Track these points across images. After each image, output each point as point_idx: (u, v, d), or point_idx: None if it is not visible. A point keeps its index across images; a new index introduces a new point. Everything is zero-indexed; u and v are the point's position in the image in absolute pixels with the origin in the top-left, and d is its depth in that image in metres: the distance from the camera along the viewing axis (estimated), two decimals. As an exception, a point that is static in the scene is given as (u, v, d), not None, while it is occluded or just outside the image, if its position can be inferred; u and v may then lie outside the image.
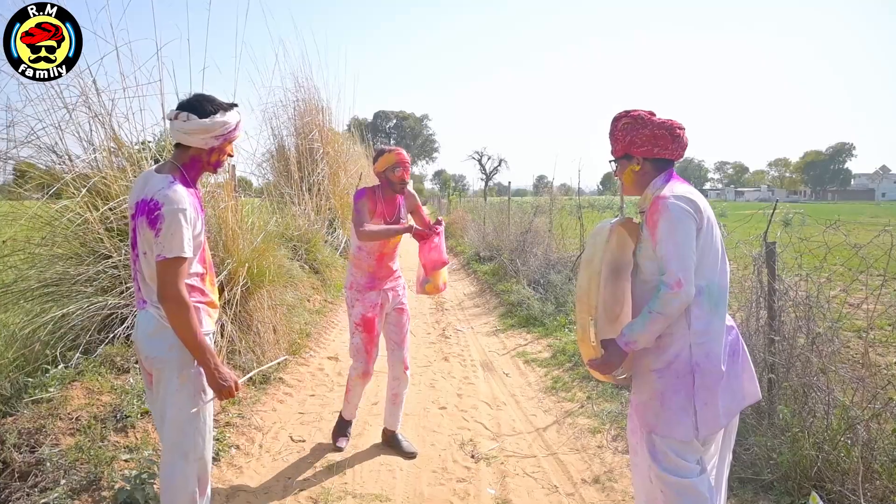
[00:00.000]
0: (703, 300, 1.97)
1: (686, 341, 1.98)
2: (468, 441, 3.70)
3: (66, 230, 4.11)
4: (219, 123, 2.05)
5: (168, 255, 1.92)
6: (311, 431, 3.84)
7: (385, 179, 3.30)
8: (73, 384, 3.40)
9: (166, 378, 2.07)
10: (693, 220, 1.93)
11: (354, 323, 3.34)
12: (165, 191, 1.95)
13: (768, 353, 3.35)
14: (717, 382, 1.98)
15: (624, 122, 2.13)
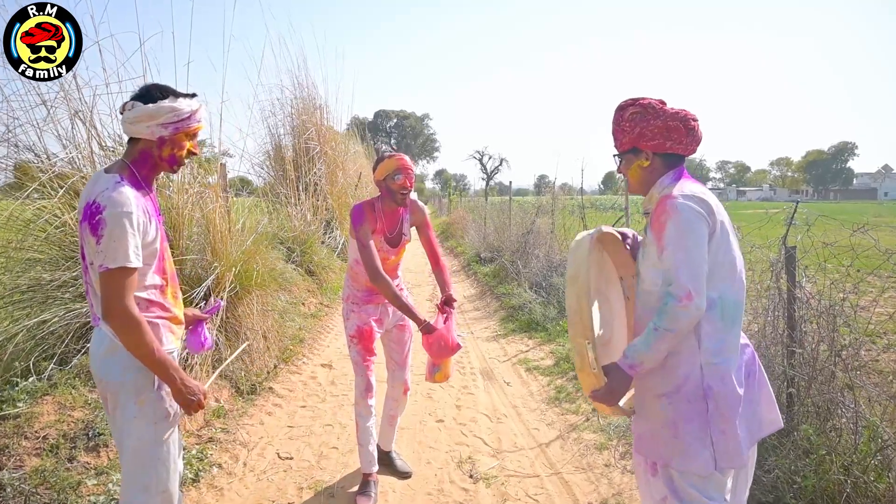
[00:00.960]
0: (716, 315, 1.73)
1: (696, 361, 1.73)
2: (466, 458, 3.47)
3: (43, 232, 3.88)
4: (165, 109, 1.81)
5: (111, 266, 1.68)
6: (299, 447, 3.61)
7: (385, 188, 2.92)
8: (44, 398, 3.18)
9: (122, 404, 1.84)
10: (705, 224, 1.69)
11: (349, 336, 3.02)
12: (109, 192, 1.71)
13: (788, 366, 3.12)
14: (735, 408, 1.71)
15: (632, 112, 1.87)
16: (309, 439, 3.74)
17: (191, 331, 2.27)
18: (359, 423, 3.00)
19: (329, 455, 3.51)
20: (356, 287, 3.06)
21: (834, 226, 3.40)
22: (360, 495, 2.96)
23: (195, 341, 2.30)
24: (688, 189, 1.75)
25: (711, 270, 1.71)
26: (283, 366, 5.06)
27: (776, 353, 3.32)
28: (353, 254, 3.01)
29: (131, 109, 1.81)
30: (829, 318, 3.02)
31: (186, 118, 1.87)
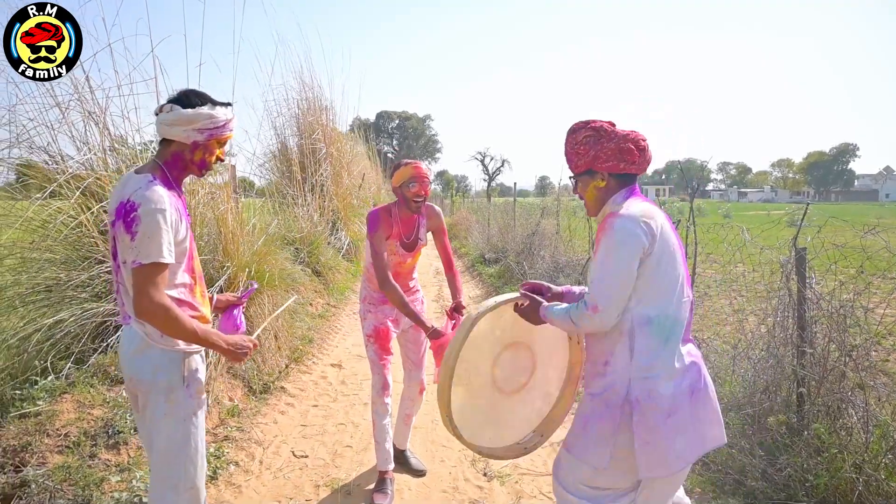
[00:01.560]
0: (653, 332, 1.80)
1: (626, 374, 1.82)
2: (480, 457, 3.51)
3: (60, 233, 3.92)
4: (203, 115, 1.87)
5: (144, 261, 1.72)
6: (313, 446, 3.65)
7: (401, 196, 2.97)
8: (62, 397, 3.22)
9: (153, 403, 1.88)
10: (639, 245, 1.75)
11: (366, 335, 3.08)
12: (143, 191, 1.76)
13: (798, 366, 3.15)
14: (661, 424, 1.78)
15: (585, 135, 1.93)
16: (323, 438, 3.78)
17: (225, 315, 2.33)
18: (375, 421, 3.03)
19: (343, 453, 3.55)
20: (372, 288, 3.10)
21: (840, 227, 3.44)
22: (378, 493, 2.99)
23: (229, 325, 2.35)
24: (633, 209, 1.82)
25: (650, 288, 1.79)
26: (294, 365, 5.09)
27: (786, 354, 3.36)
28: (368, 256, 3.06)
29: (170, 112, 1.85)
30: (840, 318, 3.06)
31: (221, 126, 1.92)
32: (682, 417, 1.81)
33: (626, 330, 1.80)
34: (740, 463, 3.02)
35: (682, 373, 1.83)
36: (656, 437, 1.79)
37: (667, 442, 1.79)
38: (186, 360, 1.91)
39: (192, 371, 1.94)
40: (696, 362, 1.90)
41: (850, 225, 3.24)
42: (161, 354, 1.85)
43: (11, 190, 4.17)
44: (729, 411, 3.43)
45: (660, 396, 1.78)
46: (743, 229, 3.99)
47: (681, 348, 1.86)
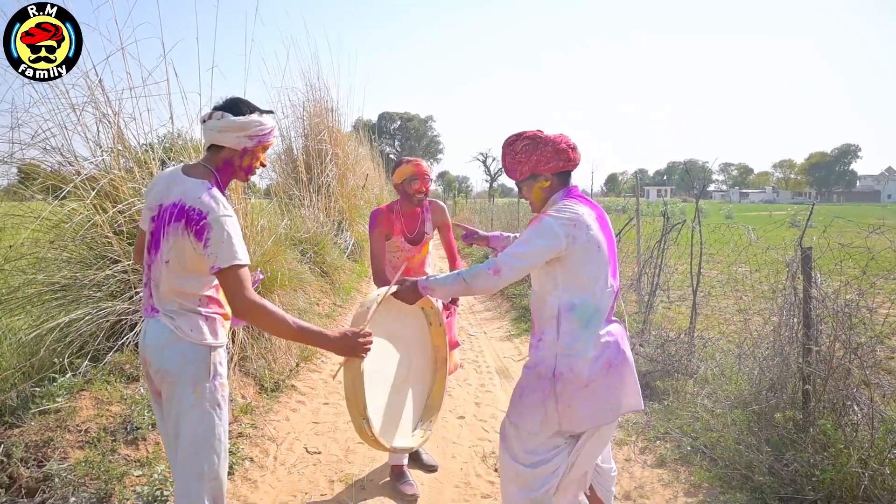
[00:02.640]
0: (574, 317, 2.08)
1: (553, 350, 2.11)
2: (490, 453, 3.56)
3: (75, 234, 3.99)
4: (254, 123, 1.97)
5: (223, 265, 1.81)
6: (326, 442, 3.71)
7: (402, 192, 3.14)
8: (81, 394, 3.28)
9: (179, 394, 1.94)
10: (556, 244, 2.01)
11: None
12: (207, 198, 1.85)
13: (804, 364, 3.20)
14: (578, 392, 2.08)
15: (523, 144, 2.19)
16: (335, 434, 3.83)
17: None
18: None
19: (356, 450, 3.61)
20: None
21: (844, 227, 3.49)
22: (405, 484, 3.07)
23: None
24: (564, 213, 2.07)
25: (574, 278, 2.08)
26: (304, 364, 5.15)
27: (791, 352, 3.42)
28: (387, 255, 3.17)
29: (221, 119, 1.95)
30: (845, 316, 3.11)
31: (268, 133, 2.04)
32: (597, 388, 2.10)
33: (554, 314, 2.09)
34: (747, 459, 3.07)
35: (601, 350, 2.11)
36: (574, 403, 2.08)
37: (581, 407, 2.09)
38: (213, 353, 1.98)
39: (218, 364, 2.00)
40: (616, 340, 2.16)
41: (856, 225, 3.28)
42: (190, 347, 1.92)
43: (21, 189, 4.23)
44: (735, 408, 3.48)
45: (579, 371, 2.08)
46: (749, 229, 4.05)
47: (601, 331, 2.13)
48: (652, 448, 3.53)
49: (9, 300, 3.85)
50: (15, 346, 3.68)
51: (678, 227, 5.20)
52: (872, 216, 14.12)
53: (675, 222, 5.25)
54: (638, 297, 5.57)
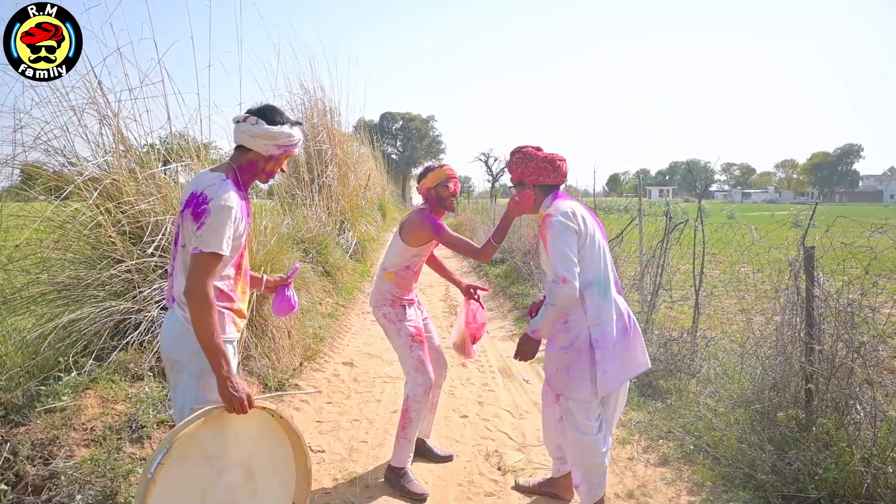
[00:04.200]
0: (594, 291, 2.54)
1: (585, 325, 2.55)
2: (493, 452, 3.57)
3: (79, 234, 4.00)
4: (284, 134, 2.10)
5: (205, 249, 1.90)
6: (329, 441, 3.72)
7: (435, 196, 3.11)
8: (86, 392, 3.29)
9: (183, 384, 2.03)
10: (573, 231, 2.50)
11: (411, 335, 3.11)
12: (216, 187, 1.96)
13: (807, 363, 3.21)
14: (612, 354, 2.54)
15: (517, 157, 2.73)
16: (338, 433, 3.84)
17: (278, 294, 2.57)
18: (413, 422, 3.09)
19: (359, 448, 3.62)
20: (399, 291, 3.17)
21: (847, 226, 3.50)
22: (412, 483, 3.09)
23: (285, 304, 2.59)
24: (560, 207, 2.58)
25: (586, 260, 2.53)
26: (307, 363, 5.17)
27: (794, 351, 3.42)
28: (404, 260, 3.14)
29: (255, 124, 2.06)
30: (847, 316, 3.11)
31: (294, 144, 2.16)
32: (619, 350, 2.58)
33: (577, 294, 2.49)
34: (750, 457, 3.08)
35: (619, 317, 2.61)
36: (610, 367, 2.53)
37: (611, 368, 2.54)
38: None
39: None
40: (626, 309, 2.68)
41: (859, 225, 3.29)
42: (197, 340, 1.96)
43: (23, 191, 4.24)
44: (737, 407, 3.49)
45: (610, 334, 2.55)
46: (751, 228, 4.05)
47: (616, 297, 2.64)
48: (655, 447, 3.54)
49: (13, 300, 3.87)
50: (20, 345, 3.70)
51: (681, 227, 5.20)
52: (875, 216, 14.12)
53: (677, 222, 5.26)
54: (641, 297, 5.57)
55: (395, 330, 3.13)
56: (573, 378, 2.59)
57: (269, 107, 2.13)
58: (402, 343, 3.12)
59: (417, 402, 3.07)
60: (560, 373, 2.63)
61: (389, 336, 3.18)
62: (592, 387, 2.57)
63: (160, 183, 4.36)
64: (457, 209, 3.38)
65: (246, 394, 1.93)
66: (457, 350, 3.30)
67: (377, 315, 3.21)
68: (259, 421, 2.10)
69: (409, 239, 3.09)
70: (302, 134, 2.21)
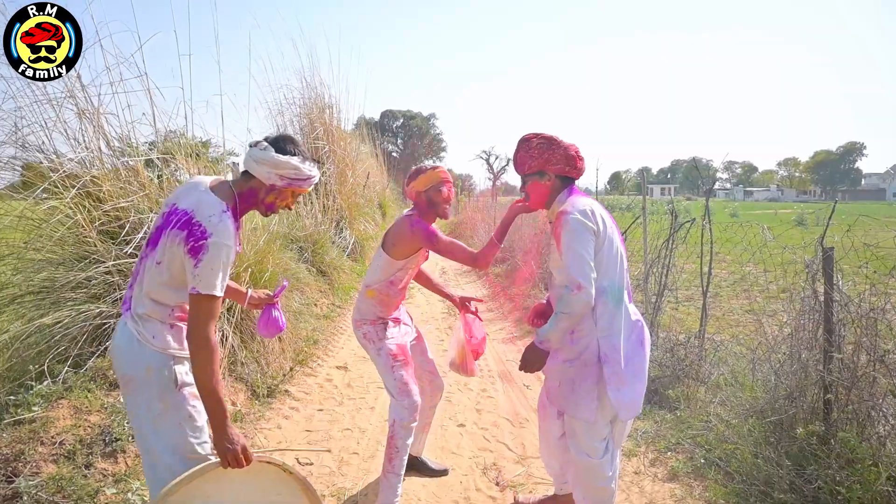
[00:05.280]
0: (607, 299, 2.23)
1: (593, 336, 2.25)
2: (491, 465, 3.37)
3: (56, 232, 3.80)
4: (290, 165, 1.94)
5: (203, 291, 1.76)
6: (318, 453, 3.53)
7: (426, 201, 2.75)
8: (59, 402, 3.10)
9: (145, 402, 1.85)
10: (591, 232, 2.20)
11: (392, 355, 2.78)
12: (217, 221, 1.79)
13: (826, 371, 3.01)
14: (623, 370, 2.22)
15: (538, 142, 2.36)
16: (328, 444, 3.65)
17: (264, 314, 2.39)
18: (400, 453, 2.75)
19: (350, 461, 3.42)
20: (381, 309, 2.86)
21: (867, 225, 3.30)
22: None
23: (272, 325, 2.39)
24: (578, 204, 2.26)
25: (602, 263, 2.22)
26: (299, 368, 4.97)
27: (810, 358, 3.22)
28: (388, 274, 2.80)
29: (263, 150, 1.91)
30: (870, 321, 2.91)
31: (303, 179, 1.99)
32: (638, 364, 2.27)
33: None
34: (766, 473, 2.88)
35: (631, 328, 2.29)
36: (622, 384, 2.22)
37: (631, 386, 2.23)
38: (177, 364, 1.88)
39: (185, 374, 1.90)
40: (640, 320, 2.36)
41: (882, 225, 3.08)
42: (153, 355, 1.84)
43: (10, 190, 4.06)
44: (749, 417, 3.29)
45: (618, 349, 2.22)
46: (764, 228, 3.85)
47: (628, 307, 2.30)
48: (663, 460, 3.34)
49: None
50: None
51: (687, 226, 5.00)
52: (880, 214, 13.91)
53: (683, 221, 5.05)
54: (644, 298, 5.36)
55: (375, 350, 2.82)
56: (578, 395, 2.31)
57: (286, 136, 1.99)
58: (382, 364, 2.80)
59: (404, 427, 2.74)
60: (563, 388, 2.35)
61: (371, 357, 2.88)
62: (599, 406, 2.29)
63: (143, 181, 4.16)
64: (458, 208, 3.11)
65: (241, 445, 1.79)
66: (455, 370, 3.02)
67: (357, 335, 2.90)
68: (267, 476, 1.93)
69: (394, 251, 2.77)
70: (316, 172, 2.04)
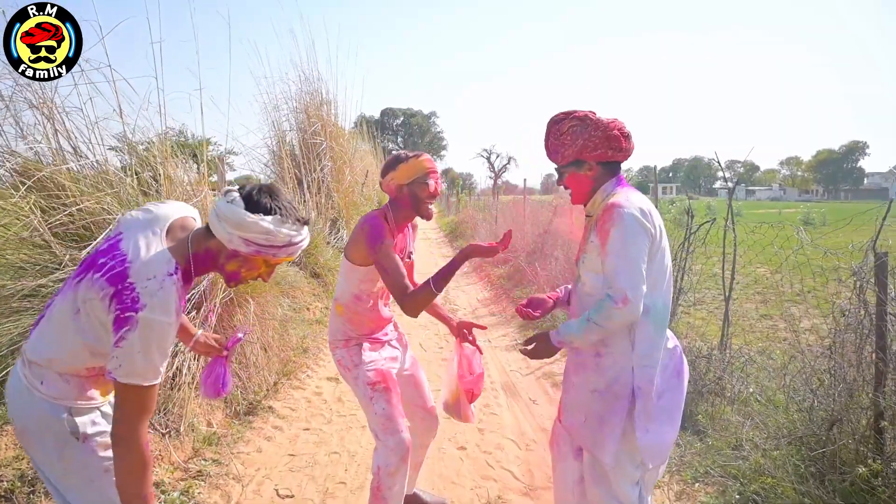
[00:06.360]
0: (649, 320, 1.83)
1: (628, 363, 1.86)
2: (496, 498, 2.98)
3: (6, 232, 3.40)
4: (259, 228, 1.47)
5: (121, 380, 1.36)
6: (301, 482, 3.13)
7: (408, 196, 2.26)
8: (4, 429, 2.72)
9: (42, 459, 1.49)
10: (647, 235, 1.80)
11: (369, 384, 2.30)
12: (155, 287, 1.38)
13: (879, 395, 2.62)
14: (655, 406, 1.84)
15: (570, 125, 1.90)
16: (313, 471, 3.26)
17: (208, 369, 1.89)
18: (388, 501, 2.28)
19: (335, 493, 3.03)
20: (354, 328, 2.40)
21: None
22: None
23: (212, 385, 1.89)
24: (634, 199, 1.83)
25: (651, 278, 1.81)
26: (285, 380, 4.58)
27: (858, 378, 2.83)
28: (351, 286, 2.35)
29: (230, 203, 1.48)
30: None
31: (278, 247, 1.52)
32: (672, 401, 1.87)
33: None
34: (815, 515, 2.48)
35: (669, 356, 1.89)
36: (653, 424, 1.83)
37: (662, 428, 1.84)
38: (77, 416, 1.50)
39: (88, 424, 1.51)
40: (678, 346, 1.96)
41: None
42: (44, 403, 1.45)
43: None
44: (787, 444, 2.90)
45: (656, 382, 1.83)
46: (799, 230, 3.45)
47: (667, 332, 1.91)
48: (690, 493, 2.94)
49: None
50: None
51: (707, 227, 4.61)
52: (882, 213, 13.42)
53: (702, 221, 4.67)
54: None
55: (353, 378, 2.36)
56: (606, 432, 1.88)
57: (267, 187, 1.54)
58: (361, 394, 2.33)
59: (391, 475, 2.25)
60: (590, 424, 1.92)
61: (350, 387, 2.44)
62: (629, 450, 1.89)
63: (112, 179, 3.77)
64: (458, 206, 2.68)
65: None
66: (450, 412, 2.57)
67: (334, 359, 2.45)
68: None
69: (351, 255, 2.29)
70: (301, 236, 1.57)
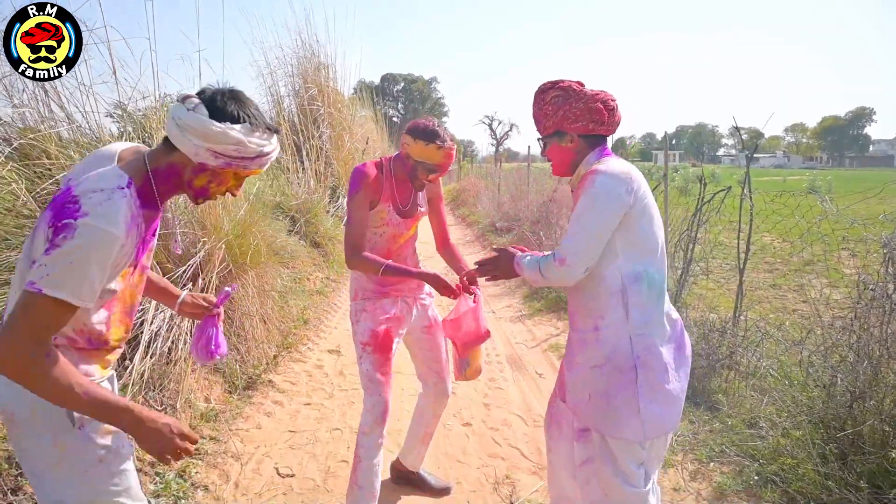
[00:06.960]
0: (642, 287, 1.76)
1: (625, 333, 1.76)
2: (504, 478, 2.89)
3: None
4: (228, 138, 1.30)
5: (47, 291, 1.14)
6: (302, 460, 3.04)
7: (411, 167, 2.28)
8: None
9: (36, 447, 1.32)
10: (620, 203, 1.70)
11: (361, 343, 2.35)
12: (102, 198, 1.20)
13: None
14: (662, 379, 1.74)
15: (553, 95, 1.85)
16: (314, 448, 3.16)
17: (199, 331, 1.73)
18: (362, 461, 2.29)
19: (337, 472, 2.93)
20: (364, 279, 2.41)
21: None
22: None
23: (204, 347, 1.72)
24: (613, 166, 1.76)
25: (636, 245, 1.75)
26: (285, 353, 4.47)
27: (882, 355, 2.70)
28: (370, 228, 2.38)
29: (191, 110, 1.30)
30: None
31: (249, 158, 1.36)
32: (671, 377, 1.77)
33: (617, 289, 1.75)
34: (839, 498, 2.38)
35: (671, 329, 1.81)
36: (656, 395, 1.74)
37: (666, 399, 1.75)
38: None
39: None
40: (679, 320, 1.88)
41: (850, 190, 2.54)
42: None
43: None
44: (807, 422, 2.79)
45: (658, 352, 1.75)
46: (824, 199, 3.28)
47: (667, 303, 1.84)
48: (705, 472, 2.84)
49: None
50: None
51: (721, 195, 4.45)
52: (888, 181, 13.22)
53: (717, 189, 4.50)
54: (670, 274, 4.84)
55: (353, 333, 2.40)
56: (616, 408, 1.75)
57: (230, 92, 1.36)
58: (355, 350, 2.38)
59: (366, 434, 2.28)
60: (596, 402, 1.79)
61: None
62: (639, 421, 1.74)
63: (108, 141, 3.59)
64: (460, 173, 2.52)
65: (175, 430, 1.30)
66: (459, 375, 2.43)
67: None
68: None
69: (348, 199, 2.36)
70: (272, 145, 1.40)
